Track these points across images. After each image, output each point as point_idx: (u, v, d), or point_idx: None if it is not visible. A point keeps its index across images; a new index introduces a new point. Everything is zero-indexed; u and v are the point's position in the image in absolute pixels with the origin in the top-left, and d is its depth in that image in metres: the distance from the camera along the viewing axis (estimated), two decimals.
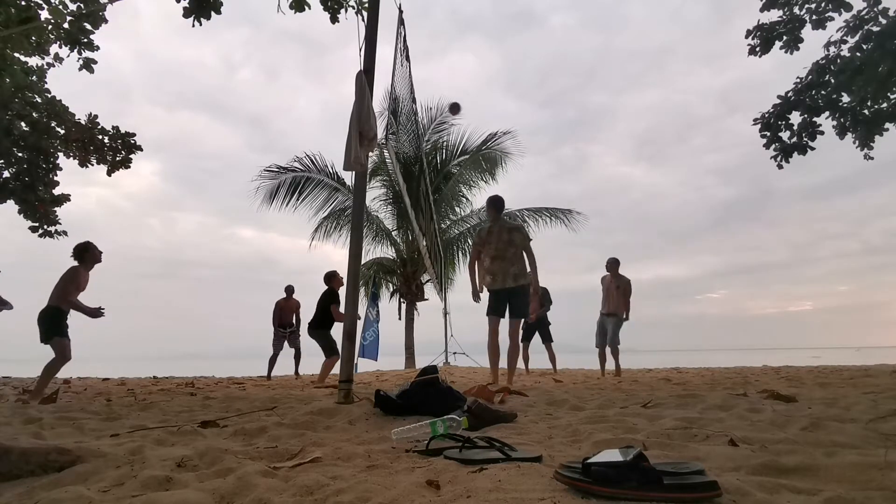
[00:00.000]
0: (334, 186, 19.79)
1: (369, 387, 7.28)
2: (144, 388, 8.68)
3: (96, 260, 7.57)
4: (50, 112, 13.59)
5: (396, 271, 21.66)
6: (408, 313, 20.88)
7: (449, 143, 21.15)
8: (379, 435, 3.33)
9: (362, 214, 5.57)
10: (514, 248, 8.09)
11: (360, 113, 5.25)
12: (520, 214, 20.40)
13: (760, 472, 2.06)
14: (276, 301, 13.71)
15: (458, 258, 21.33)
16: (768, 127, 12.29)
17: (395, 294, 21.65)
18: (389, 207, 21.48)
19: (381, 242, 21.51)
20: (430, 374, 4.35)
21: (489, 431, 3.27)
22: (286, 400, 5.56)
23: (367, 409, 4.23)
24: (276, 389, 7.85)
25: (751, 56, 12.02)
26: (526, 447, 2.68)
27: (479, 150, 20.75)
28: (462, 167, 21.02)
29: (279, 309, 13.60)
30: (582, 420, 3.75)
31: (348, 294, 5.30)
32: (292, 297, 13.83)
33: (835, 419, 3.38)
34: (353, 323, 5.31)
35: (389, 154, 17.25)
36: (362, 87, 5.33)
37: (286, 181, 19.28)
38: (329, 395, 6.15)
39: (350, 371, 5.13)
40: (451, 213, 21.73)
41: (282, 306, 13.64)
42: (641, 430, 3.16)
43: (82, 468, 2.34)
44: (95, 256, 7.55)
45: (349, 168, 5.23)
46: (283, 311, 13.63)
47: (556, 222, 20.08)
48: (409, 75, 8.67)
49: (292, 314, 13.71)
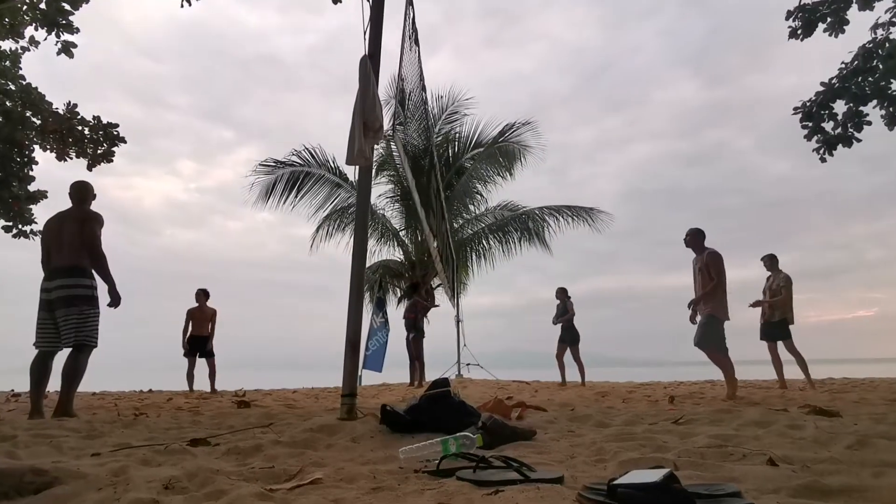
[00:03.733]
0: (336, 182, 19.81)
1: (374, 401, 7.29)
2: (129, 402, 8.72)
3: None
4: (25, 101, 13.55)
5: (404, 274, 21.64)
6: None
7: (462, 135, 21.14)
8: (385, 454, 3.34)
9: (367, 213, 5.58)
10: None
11: (365, 102, 5.26)
12: (538, 214, 20.38)
13: (802, 495, 2.07)
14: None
15: (472, 260, 21.32)
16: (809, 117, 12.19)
17: (402, 300, 21.64)
18: (397, 205, 21.51)
19: (387, 243, 21.54)
20: (441, 387, 4.35)
21: (506, 450, 3.28)
22: (283, 416, 5.58)
23: (372, 425, 4.24)
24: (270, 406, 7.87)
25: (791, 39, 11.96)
26: (546, 467, 2.69)
27: (496, 143, 20.69)
28: (476, 161, 20.99)
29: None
30: (607, 437, 3.76)
31: (351, 300, 5.30)
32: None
33: (883, 436, 3.37)
34: (357, 331, 5.32)
35: (397, 147, 17.22)
36: (367, 74, 5.33)
37: (283, 176, 19.26)
38: (330, 410, 6.17)
39: (353, 384, 5.13)
40: (464, 212, 21.70)
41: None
42: (672, 449, 3.17)
43: (60, 490, 2.32)
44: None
45: (352, 162, 5.23)
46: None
47: (578, 222, 20.01)
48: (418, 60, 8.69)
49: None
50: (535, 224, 20.50)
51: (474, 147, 21.06)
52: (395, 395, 10.01)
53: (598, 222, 19.91)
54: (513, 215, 21.15)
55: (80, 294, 6.36)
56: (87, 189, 6.88)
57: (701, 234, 9.13)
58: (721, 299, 8.72)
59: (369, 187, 5.69)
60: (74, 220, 6.56)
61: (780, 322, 10.86)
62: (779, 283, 11.06)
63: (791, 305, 10.97)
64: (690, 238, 9.15)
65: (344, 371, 5.25)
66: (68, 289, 6.35)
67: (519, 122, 20.74)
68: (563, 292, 14.33)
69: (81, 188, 6.84)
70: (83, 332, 6.32)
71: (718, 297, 8.71)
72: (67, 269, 6.41)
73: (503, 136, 20.69)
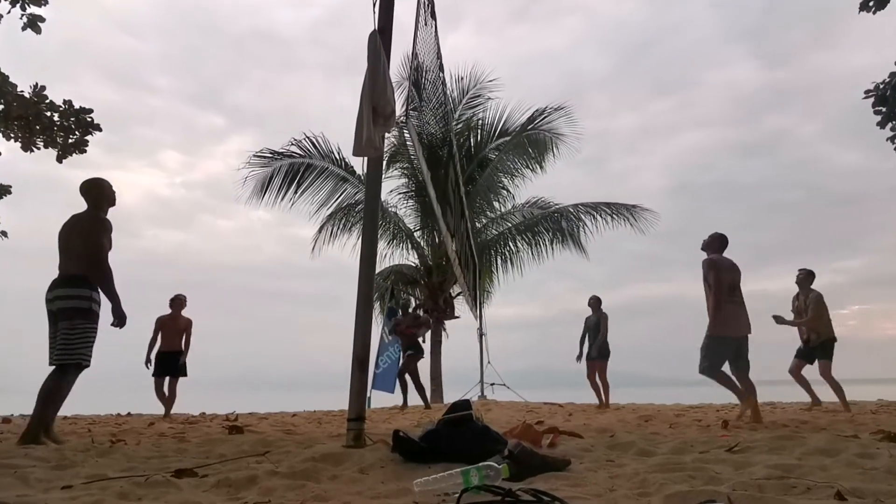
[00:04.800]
0: (342, 176, 19.87)
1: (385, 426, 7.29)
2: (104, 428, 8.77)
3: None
4: None
5: (419, 281, 21.69)
6: (434, 334, 20.83)
7: (485, 122, 21.19)
8: (398, 486, 3.35)
9: (377, 210, 5.59)
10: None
11: (375, 84, 5.25)
12: (572, 211, 20.33)
13: None
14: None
15: (497, 265, 21.33)
16: (884, 101, 12.06)
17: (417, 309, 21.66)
18: (411, 202, 21.60)
19: (400, 245, 21.57)
20: (461, 410, 4.36)
21: (536, 482, 3.27)
22: (281, 443, 5.59)
23: (382, 454, 4.25)
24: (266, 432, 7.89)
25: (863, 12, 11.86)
26: (582, 501, 2.69)
27: (524, 131, 20.69)
28: (502, 152, 21.02)
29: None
30: (652, 468, 3.74)
31: (359, 310, 5.31)
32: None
33: None
34: (365, 347, 5.32)
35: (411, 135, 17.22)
36: (377, 51, 5.32)
37: (281, 169, 19.30)
38: (334, 436, 6.18)
39: (361, 407, 5.14)
40: (487, 209, 21.74)
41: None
42: (726, 481, 3.15)
43: None
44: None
45: (360, 153, 5.24)
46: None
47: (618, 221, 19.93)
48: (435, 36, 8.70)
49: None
50: (568, 223, 20.51)
51: (499, 135, 21.10)
52: (408, 420, 10.02)
53: (640, 221, 19.88)
54: (543, 213, 21.15)
55: (74, 306, 6.35)
56: (97, 189, 6.75)
57: (720, 240, 9.14)
58: (715, 314, 8.75)
59: (379, 181, 5.70)
60: (81, 225, 6.55)
61: (823, 344, 11.11)
62: (807, 303, 11.30)
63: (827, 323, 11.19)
64: (707, 243, 9.21)
65: (350, 392, 5.25)
66: (64, 300, 6.36)
67: (550, 106, 20.74)
68: (598, 303, 14.25)
69: (91, 188, 6.73)
70: (69, 349, 6.29)
71: (713, 312, 8.75)
72: (66, 278, 6.44)
73: (532, 122, 20.69)
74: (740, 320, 8.76)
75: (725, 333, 8.70)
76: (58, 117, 13.50)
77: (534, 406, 13.84)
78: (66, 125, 13.50)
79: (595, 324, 14.04)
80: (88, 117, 13.64)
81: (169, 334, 12.36)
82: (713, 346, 8.75)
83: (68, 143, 13.51)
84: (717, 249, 9.14)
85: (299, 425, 9.10)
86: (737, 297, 8.79)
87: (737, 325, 8.75)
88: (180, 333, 12.46)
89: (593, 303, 14.24)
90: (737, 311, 8.76)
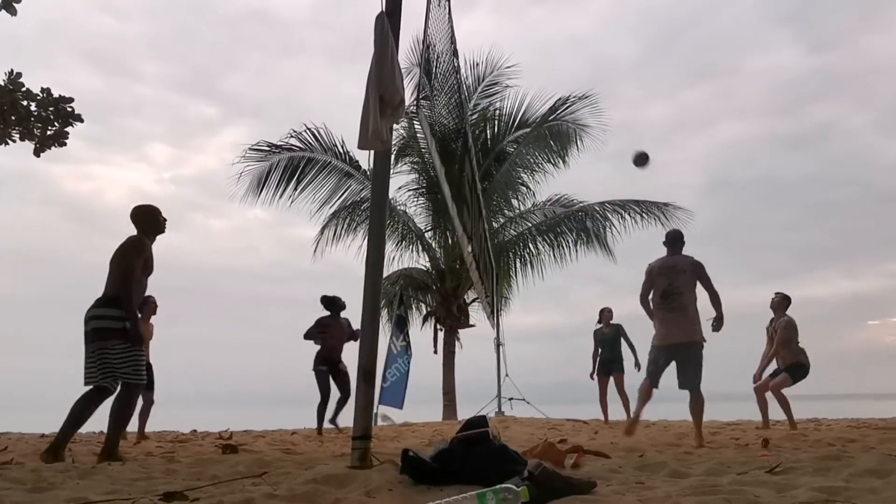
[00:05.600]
0: (346, 171, 19.84)
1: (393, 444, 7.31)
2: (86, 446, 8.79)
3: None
4: None
5: (431, 287, 21.69)
6: (447, 345, 20.89)
7: (503, 112, 21.14)
8: None
9: (385, 209, 5.62)
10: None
11: (382, 70, 5.26)
12: (599, 210, 20.27)
13: None
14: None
15: (516, 269, 21.29)
16: None
17: (428, 318, 21.65)
18: (422, 200, 21.56)
19: (409, 247, 21.54)
20: (477, 427, 4.36)
21: None
22: (280, 464, 5.61)
23: (390, 475, 4.26)
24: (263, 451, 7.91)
25: None
26: None
27: (545, 122, 20.60)
28: (521, 145, 20.96)
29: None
30: (685, 490, 3.74)
31: (365, 318, 5.32)
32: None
33: None
34: (372, 358, 5.33)
35: (422, 126, 17.24)
36: (384, 35, 5.33)
37: (279, 163, 19.25)
38: (338, 456, 6.19)
39: (367, 424, 5.15)
40: (506, 208, 21.69)
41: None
42: None
43: None
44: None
45: (366, 146, 5.26)
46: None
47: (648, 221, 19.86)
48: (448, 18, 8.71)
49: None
50: (594, 223, 20.43)
51: (518, 127, 21.06)
52: (418, 438, 10.04)
53: (673, 221, 19.69)
54: (566, 212, 21.07)
55: (107, 326, 6.87)
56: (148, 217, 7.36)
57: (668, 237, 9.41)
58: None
59: (387, 177, 5.71)
60: (122, 246, 7.14)
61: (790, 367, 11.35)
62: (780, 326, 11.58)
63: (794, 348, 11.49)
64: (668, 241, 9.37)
65: (356, 407, 5.27)
66: (96, 320, 6.90)
67: (574, 95, 20.54)
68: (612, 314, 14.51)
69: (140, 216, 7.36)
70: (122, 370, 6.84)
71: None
72: (101, 299, 7.02)
73: (555, 113, 20.56)
74: (668, 328, 8.76)
75: (654, 342, 8.93)
76: (35, 107, 13.37)
77: (556, 423, 13.85)
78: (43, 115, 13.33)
79: (613, 337, 14.16)
80: (69, 107, 13.47)
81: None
82: (650, 353, 9.07)
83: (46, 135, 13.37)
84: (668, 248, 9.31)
85: (299, 444, 9.14)
86: (671, 303, 8.76)
87: (664, 334, 8.81)
88: (148, 342, 11.77)
89: (607, 315, 14.40)
90: (666, 319, 8.79)
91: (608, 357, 14.30)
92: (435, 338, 21.11)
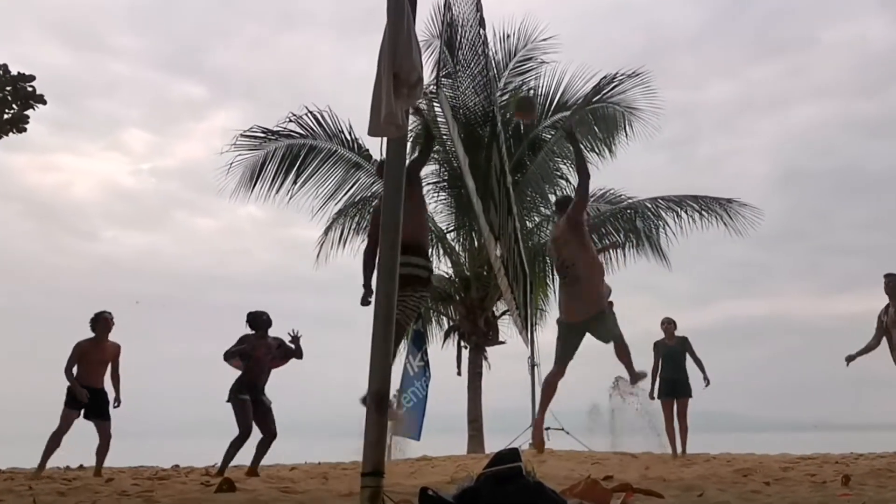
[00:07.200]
0: (354, 161, 19.87)
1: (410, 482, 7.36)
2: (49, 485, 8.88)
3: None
4: None
5: (454, 297, 21.70)
6: (472, 365, 20.82)
7: (538, 93, 21.12)
8: None
9: (399, 205, 5.63)
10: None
11: (397, 43, 5.25)
12: (650, 207, 20.20)
13: None
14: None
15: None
16: None
17: (451, 334, 21.65)
18: (443, 195, 21.63)
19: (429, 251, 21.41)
20: (508, 462, 4.40)
21: None
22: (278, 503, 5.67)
23: None
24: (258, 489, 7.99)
25: None
26: None
27: (588, 104, 20.54)
28: (559, 131, 20.90)
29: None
30: None
31: (377, 334, 5.32)
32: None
33: None
34: (385, 380, 5.35)
35: (443, 110, 17.26)
36: (400, 3, 5.34)
37: (276, 152, 19.20)
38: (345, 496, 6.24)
39: (380, 458, 5.18)
40: (541, 205, 21.62)
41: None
42: None
43: None
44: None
45: (378, 132, 5.29)
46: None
47: (708, 220, 19.77)
48: None
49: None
50: (645, 223, 20.41)
51: (556, 110, 21.04)
52: (439, 474, 10.08)
53: (737, 220, 19.66)
54: (613, 210, 21.04)
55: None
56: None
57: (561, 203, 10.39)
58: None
59: (402, 169, 5.75)
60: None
61: None
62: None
63: None
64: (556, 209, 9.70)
65: (365, 438, 5.24)
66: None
67: (623, 73, 20.42)
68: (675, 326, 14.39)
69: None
70: None
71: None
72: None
73: (599, 93, 20.49)
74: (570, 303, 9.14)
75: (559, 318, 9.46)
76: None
77: (600, 457, 13.84)
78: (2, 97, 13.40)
79: (678, 352, 14.06)
80: (29, 86, 13.44)
81: (92, 365, 11.57)
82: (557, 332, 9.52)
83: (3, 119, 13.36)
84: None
85: (299, 481, 9.19)
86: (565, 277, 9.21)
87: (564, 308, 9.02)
88: (105, 364, 11.77)
89: (669, 326, 14.28)
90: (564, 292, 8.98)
91: (672, 376, 13.98)
92: (459, 357, 21.00)
